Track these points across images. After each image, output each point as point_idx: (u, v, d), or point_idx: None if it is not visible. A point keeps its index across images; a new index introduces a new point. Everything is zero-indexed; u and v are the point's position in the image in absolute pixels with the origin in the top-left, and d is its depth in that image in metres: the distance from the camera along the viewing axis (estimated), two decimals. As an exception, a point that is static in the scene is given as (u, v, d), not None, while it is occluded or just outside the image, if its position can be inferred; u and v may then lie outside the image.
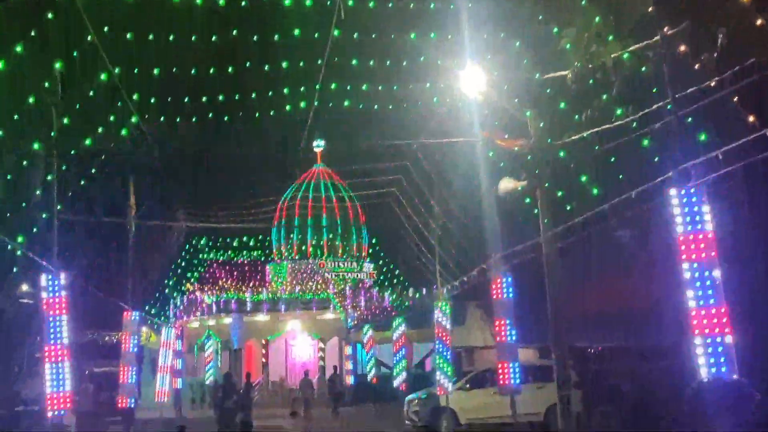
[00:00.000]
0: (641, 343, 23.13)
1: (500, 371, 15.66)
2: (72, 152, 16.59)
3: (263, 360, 43.36)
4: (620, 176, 13.76)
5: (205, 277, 50.05)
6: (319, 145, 45.00)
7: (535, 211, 15.34)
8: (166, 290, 44.27)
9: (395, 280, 48.76)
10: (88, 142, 16.24)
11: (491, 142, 15.77)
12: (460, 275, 21.70)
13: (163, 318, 42.41)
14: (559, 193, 15.48)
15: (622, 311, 21.51)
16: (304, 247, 48.54)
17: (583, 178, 14.35)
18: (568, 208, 15.27)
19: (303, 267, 48.26)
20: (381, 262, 50.68)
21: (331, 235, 48.34)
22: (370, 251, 51.10)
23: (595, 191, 14.11)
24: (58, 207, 14.75)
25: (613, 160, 14.05)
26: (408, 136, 19.68)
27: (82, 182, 19.62)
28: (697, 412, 8.42)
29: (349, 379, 39.88)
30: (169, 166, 23.73)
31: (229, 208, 30.31)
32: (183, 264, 41.48)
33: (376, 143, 21.08)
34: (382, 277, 50.49)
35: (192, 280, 49.09)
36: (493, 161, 16.54)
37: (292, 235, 48.78)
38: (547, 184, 15.14)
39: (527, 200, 15.71)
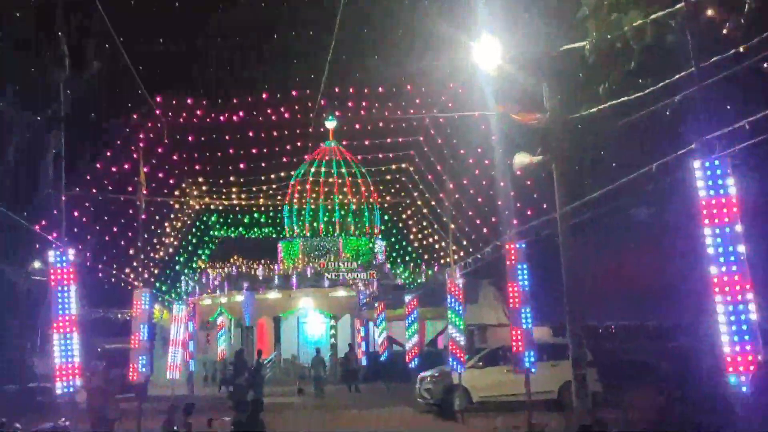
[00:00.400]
0: (655, 321, 22.85)
1: (512, 335, 15.24)
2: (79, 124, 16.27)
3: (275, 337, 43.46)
4: (640, 150, 13.37)
5: (216, 255, 49.94)
6: (331, 119, 44.67)
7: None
8: (177, 267, 44.06)
9: (407, 257, 48.37)
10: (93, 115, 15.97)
11: (506, 116, 15.39)
12: (474, 252, 21.33)
13: (174, 295, 42.25)
14: (576, 168, 15.11)
15: (636, 290, 21.21)
16: (316, 224, 48.42)
17: (602, 152, 13.96)
18: (589, 181, 14.89)
19: (315, 244, 48.24)
20: (393, 239, 50.21)
21: (342, 212, 48.18)
22: (382, 228, 50.83)
23: (613, 165, 13.69)
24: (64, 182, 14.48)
25: (633, 133, 13.65)
26: (421, 110, 19.25)
27: (91, 156, 19.37)
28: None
29: (361, 356, 39.73)
30: (178, 142, 23.41)
31: (240, 185, 29.84)
32: (194, 241, 40.94)
33: (388, 117, 20.62)
34: (394, 254, 50.14)
35: (203, 257, 49.01)
36: (508, 136, 16.16)
37: (303, 213, 48.69)
38: (564, 159, 14.75)
39: (543, 175, 15.27)
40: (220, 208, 33.23)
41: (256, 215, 46.64)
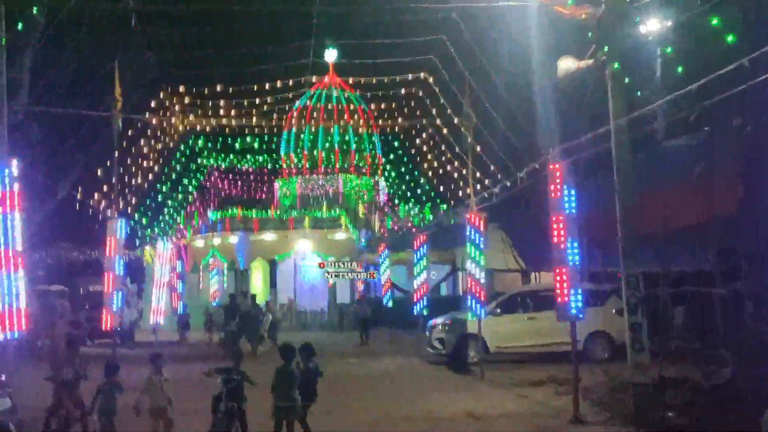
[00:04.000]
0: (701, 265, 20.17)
1: (556, 283, 12.46)
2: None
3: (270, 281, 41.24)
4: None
5: (205, 187, 46.46)
6: (331, 47, 41.70)
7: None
8: (159, 197, 40.41)
9: (419, 191, 45.22)
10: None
11: (549, 9, 12.65)
12: (504, 180, 18.56)
13: (157, 230, 38.78)
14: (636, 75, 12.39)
15: (691, 227, 18.62)
16: (315, 153, 45.54)
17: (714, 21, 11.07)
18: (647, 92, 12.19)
19: (313, 182, 45.68)
20: (404, 170, 46.70)
21: (344, 146, 45.48)
22: (392, 156, 47.42)
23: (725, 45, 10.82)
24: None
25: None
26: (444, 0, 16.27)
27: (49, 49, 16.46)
28: None
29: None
30: (158, 44, 20.36)
31: (230, 100, 26.18)
32: (179, 169, 37.02)
33: (405, 11, 17.57)
34: (403, 187, 47.07)
35: (190, 188, 45.41)
36: (552, 34, 13.38)
37: (300, 148, 45.93)
38: (620, 60, 12.02)
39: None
40: (208, 129, 29.47)
41: (248, 139, 42.49)
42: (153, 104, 23.55)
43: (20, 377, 12.08)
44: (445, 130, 22.54)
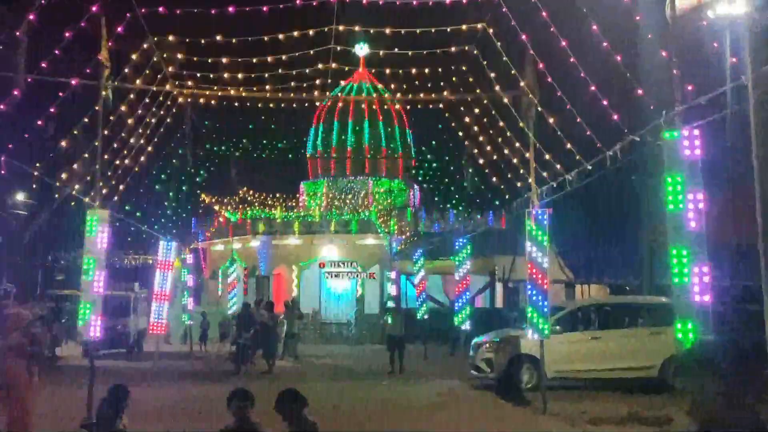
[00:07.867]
0: None
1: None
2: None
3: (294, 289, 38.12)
4: None
5: (217, 181, 42.94)
6: (362, 42, 38.71)
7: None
8: (157, 186, 36.36)
9: (457, 195, 41.71)
10: None
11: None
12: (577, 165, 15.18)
13: (157, 227, 34.50)
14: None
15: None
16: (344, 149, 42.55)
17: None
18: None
19: (341, 184, 42.68)
20: (447, 157, 42.39)
21: (375, 143, 42.57)
22: (432, 144, 43.71)
23: None
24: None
25: None
26: None
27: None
28: None
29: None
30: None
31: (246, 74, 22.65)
32: (183, 154, 32.63)
33: None
34: (443, 185, 43.57)
35: (199, 179, 41.68)
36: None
37: (329, 144, 43.03)
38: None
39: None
40: (213, 102, 25.46)
41: (263, 117, 37.88)
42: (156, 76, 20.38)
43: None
44: (504, 100, 18.90)
